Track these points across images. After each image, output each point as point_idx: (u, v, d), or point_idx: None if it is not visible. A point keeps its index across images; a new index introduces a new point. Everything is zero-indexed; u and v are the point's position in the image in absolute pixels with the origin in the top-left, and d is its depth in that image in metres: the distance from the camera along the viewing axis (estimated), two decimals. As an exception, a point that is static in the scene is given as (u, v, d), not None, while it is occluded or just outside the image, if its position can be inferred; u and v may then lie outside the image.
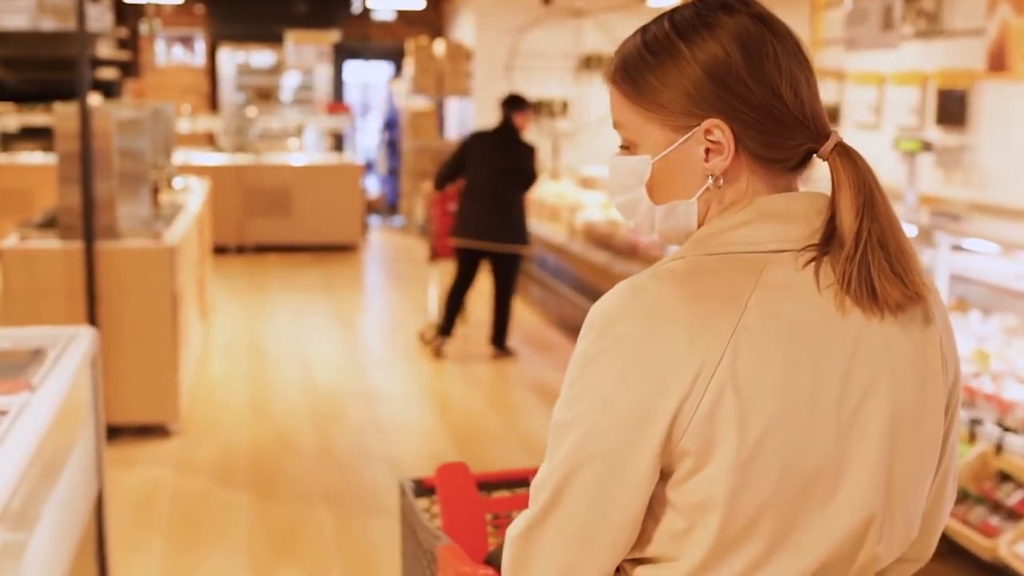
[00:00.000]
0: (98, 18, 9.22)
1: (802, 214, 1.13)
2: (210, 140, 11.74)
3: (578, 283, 7.09)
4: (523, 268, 7.08)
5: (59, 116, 4.78)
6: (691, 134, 1.14)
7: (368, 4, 12.06)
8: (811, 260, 1.11)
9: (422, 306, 7.54)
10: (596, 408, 1.09)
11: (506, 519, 1.86)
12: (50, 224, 5.06)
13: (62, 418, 2.40)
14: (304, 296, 8.28)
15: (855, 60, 8.14)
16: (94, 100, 7.37)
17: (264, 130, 11.39)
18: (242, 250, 10.00)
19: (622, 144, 1.21)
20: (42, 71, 9.21)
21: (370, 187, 12.68)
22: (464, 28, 11.52)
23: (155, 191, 5.60)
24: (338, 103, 13.21)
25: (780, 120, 1.13)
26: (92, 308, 4.67)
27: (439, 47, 11.11)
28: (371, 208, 12.28)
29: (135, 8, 12.17)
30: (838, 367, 1.09)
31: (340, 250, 10.20)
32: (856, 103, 8.26)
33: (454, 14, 12.48)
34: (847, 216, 1.11)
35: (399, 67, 13.18)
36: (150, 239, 4.91)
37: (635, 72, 1.17)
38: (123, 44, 11.27)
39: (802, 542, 1.09)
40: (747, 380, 1.06)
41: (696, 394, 1.06)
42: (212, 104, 13.46)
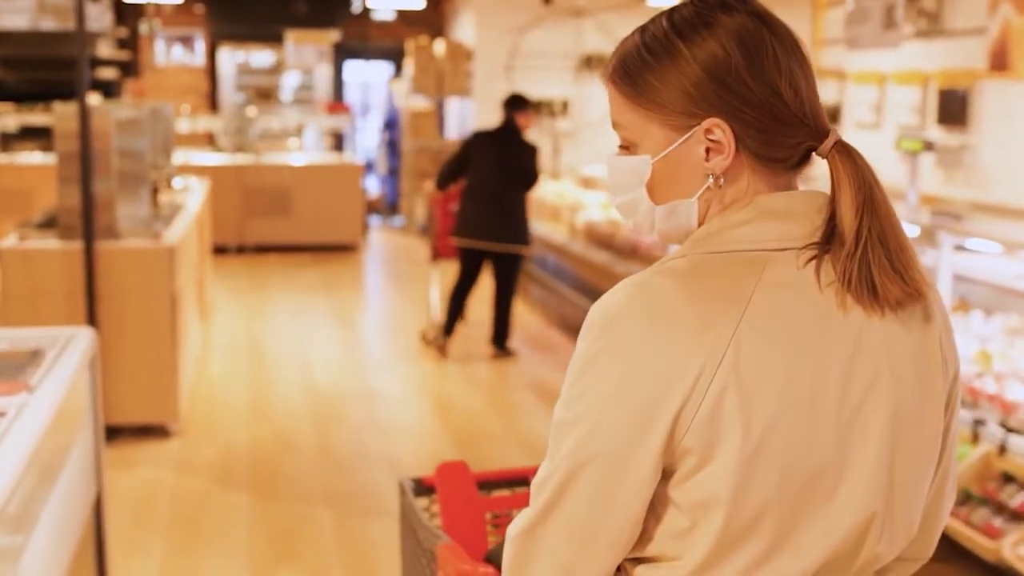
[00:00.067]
0: (98, 18, 9.22)
1: (803, 212, 1.13)
2: (210, 140, 11.73)
3: (579, 283, 7.08)
4: (523, 268, 7.07)
5: (58, 116, 4.78)
6: (691, 133, 1.14)
7: (368, 4, 12.05)
8: (812, 258, 1.11)
9: (422, 306, 7.53)
10: (597, 408, 1.09)
11: (506, 518, 1.85)
12: (49, 224, 5.06)
13: (60, 419, 2.40)
14: (304, 296, 8.28)
15: (856, 60, 8.13)
16: (94, 100, 7.37)
17: (264, 130, 11.38)
18: (242, 250, 10.00)
19: (621, 144, 1.21)
20: (42, 71, 9.20)
21: (370, 187, 12.67)
22: (464, 28, 11.52)
23: (155, 191, 5.59)
24: (338, 103, 13.20)
25: (780, 119, 1.12)
26: (91, 308, 4.67)
27: (439, 47, 11.10)
28: (371, 208, 12.27)
29: (135, 8, 12.17)
30: (839, 365, 1.09)
31: (340, 250, 10.20)
32: (857, 103, 8.26)
33: (454, 14, 12.47)
34: (847, 214, 1.11)
35: (399, 67, 13.17)
36: (149, 239, 4.90)
37: (634, 72, 1.16)
38: (123, 44, 11.27)
39: (803, 541, 1.09)
40: (749, 378, 1.05)
41: (698, 393, 1.05)
42: (212, 104, 13.45)
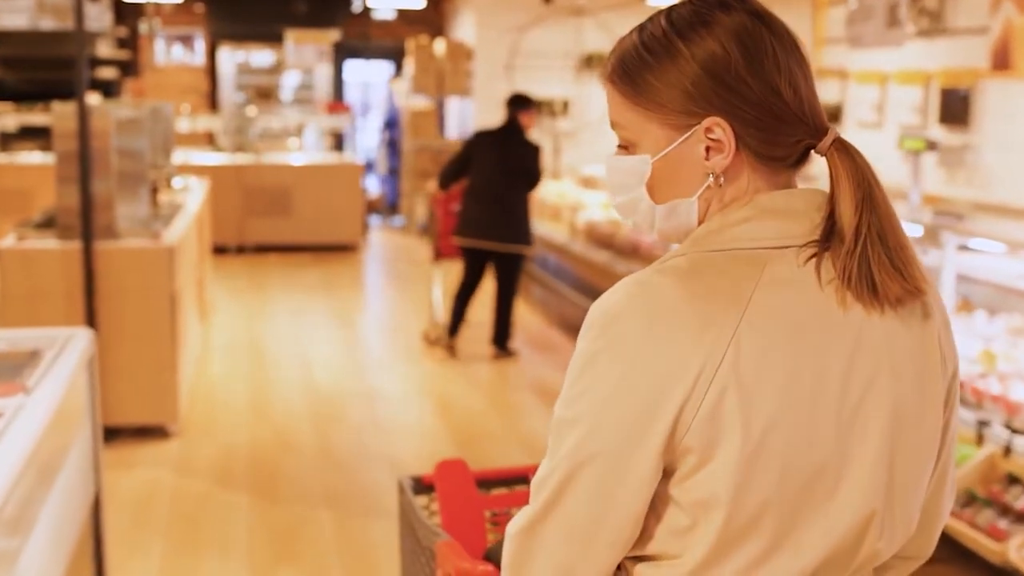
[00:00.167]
0: (97, 17, 9.21)
1: (803, 210, 1.13)
2: (210, 140, 11.72)
3: (579, 283, 7.07)
4: (524, 268, 7.06)
5: (57, 115, 4.77)
6: (691, 133, 1.14)
7: (368, 3, 12.04)
8: (812, 256, 1.11)
9: (422, 306, 7.52)
10: (597, 407, 1.09)
11: (505, 516, 1.85)
12: (48, 224, 5.05)
13: (58, 420, 2.39)
14: (304, 296, 8.27)
15: (858, 59, 8.12)
16: (93, 99, 7.36)
17: (264, 130, 11.37)
18: (242, 250, 9.99)
19: (620, 144, 1.21)
20: (41, 70, 9.19)
21: (370, 187, 12.66)
22: (465, 27, 11.51)
23: (154, 191, 5.59)
24: (338, 102, 13.18)
25: (780, 117, 1.13)
26: (90, 308, 4.65)
27: (439, 46, 11.09)
28: (371, 208, 12.26)
29: (135, 7, 12.17)
30: (840, 363, 1.09)
31: (340, 250, 10.19)
32: (859, 102, 8.24)
33: (454, 13, 12.46)
34: (847, 211, 1.11)
35: (399, 66, 13.16)
36: (149, 239, 4.89)
37: (633, 71, 1.16)
38: (122, 43, 11.27)
39: (803, 539, 1.09)
40: (750, 377, 1.05)
41: (699, 392, 1.05)
42: (212, 104, 13.44)
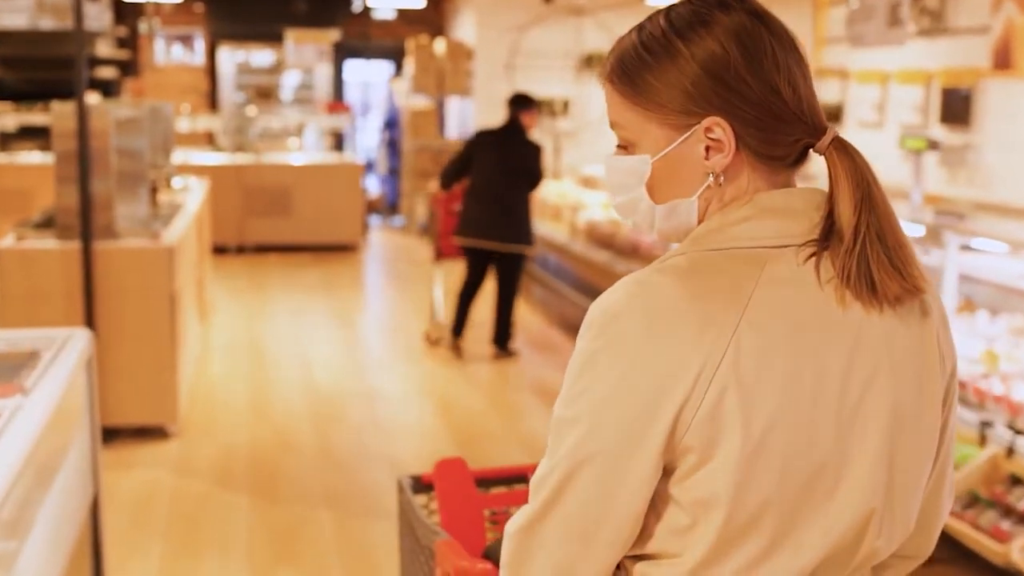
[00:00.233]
0: (97, 17, 9.21)
1: (802, 209, 1.14)
2: (210, 140, 11.72)
3: (580, 283, 7.07)
4: (525, 268, 7.05)
5: (57, 115, 4.76)
6: (691, 132, 1.14)
7: (368, 3, 12.04)
8: (811, 255, 1.11)
9: (423, 306, 7.52)
10: (597, 406, 1.08)
11: (504, 515, 1.86)
12: (47, 224, 5.04)
13: (56, 421, 2.38)
14: (304, 296, 8.26)
15: (858, 58, 8.11)
16: (92, 99, 7.35)
17: (264, 129, 11.37)
18: (242, 250, 9.98)
19: (619, 144, 1.21)
20: (40, 70, 9.18)
21: (370, 187, 12.65)
22: (465, 27, 11.50)
23: (154, 191, 5.58)
24: (338, 102, 13.18)
25: (779, 116, 1.13)
26: (90, 308, 4.65)
27: (440, 46, 11.09)
28: (371, 208, 12.26)
29: (134, 7, 12.16)
30: (839, 362, 1.09)
31: (340, 250, 10.18)
32: (860, 102, 8.23)
33: (455, 13, 12.46)
34: (845, 210, 1.11)
35: (399, 66, 13.15)
36: (148, 239, 4.88)
37: (633, 71, 1.16)
38: (122, 43, 11.26)
39: (803, 538, 1.09)
40: (750, 376, 1.05)
41: (699, 391, 1.05)
42: (212, 103, 13.44)
